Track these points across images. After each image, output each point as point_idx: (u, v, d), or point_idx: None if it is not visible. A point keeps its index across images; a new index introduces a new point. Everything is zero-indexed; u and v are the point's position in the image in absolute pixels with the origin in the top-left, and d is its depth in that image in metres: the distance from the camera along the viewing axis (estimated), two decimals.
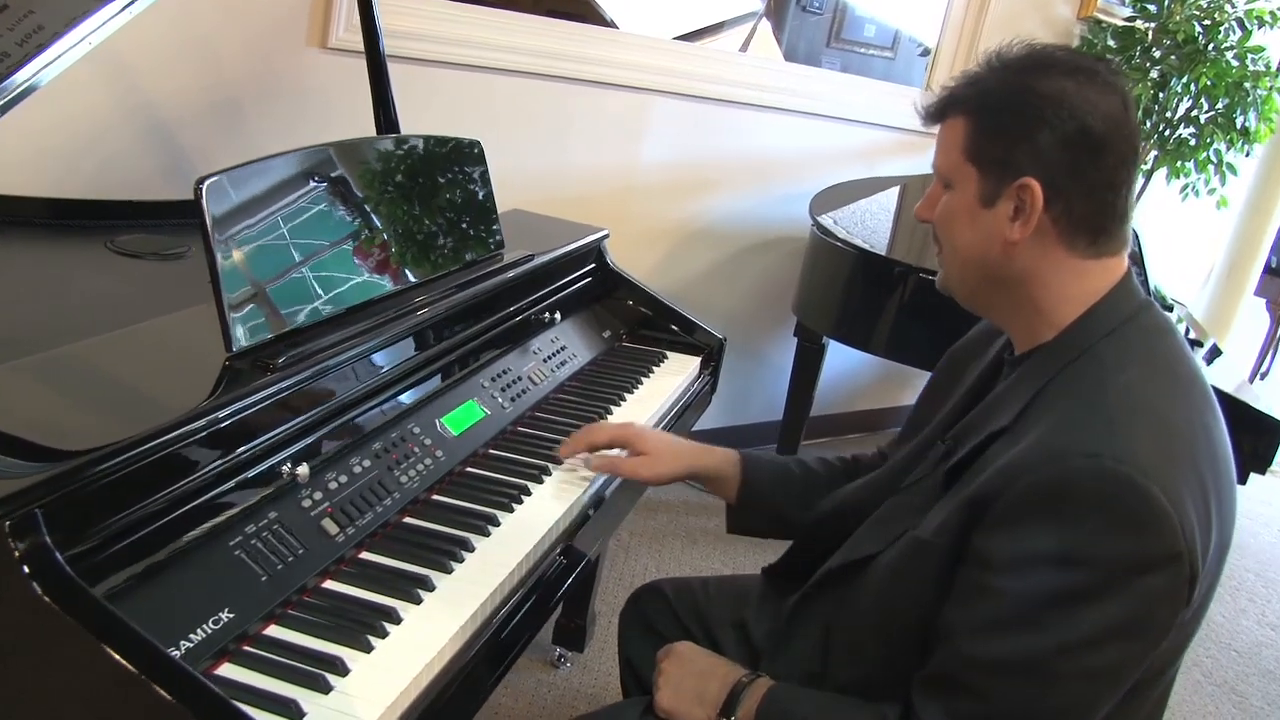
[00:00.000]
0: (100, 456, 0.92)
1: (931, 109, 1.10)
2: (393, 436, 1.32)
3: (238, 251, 1.17)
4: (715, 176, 3.07)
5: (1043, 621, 0.93)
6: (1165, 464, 0.93)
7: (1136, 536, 0.91)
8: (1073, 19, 3.46)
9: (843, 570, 1.18)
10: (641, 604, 1.58)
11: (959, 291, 1.13)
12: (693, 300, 3.14)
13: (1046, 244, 1.04)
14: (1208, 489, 0.97)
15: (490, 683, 1.16)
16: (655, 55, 2.81)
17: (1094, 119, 1.00)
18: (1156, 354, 1.05)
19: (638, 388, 1.81)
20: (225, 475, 1.06)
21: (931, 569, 1.03)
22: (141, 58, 1.98)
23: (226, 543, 1.04)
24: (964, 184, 1.06)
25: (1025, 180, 1.01)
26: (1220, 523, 0.99)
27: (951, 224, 1.09)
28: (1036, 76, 1.03)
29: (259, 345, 1.17)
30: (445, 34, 2.37)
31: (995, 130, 1.04)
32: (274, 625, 1.03)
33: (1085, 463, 0.92)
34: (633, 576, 2.67)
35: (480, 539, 1.24)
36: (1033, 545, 0.94)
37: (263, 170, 1.22)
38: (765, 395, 3.43)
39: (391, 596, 1.10)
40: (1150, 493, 0.90)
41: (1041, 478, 0.94)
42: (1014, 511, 0.95)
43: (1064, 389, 1.02)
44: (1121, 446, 0.93)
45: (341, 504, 1.18)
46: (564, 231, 2.02)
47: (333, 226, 1.32)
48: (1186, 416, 1.00)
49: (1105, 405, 0.98)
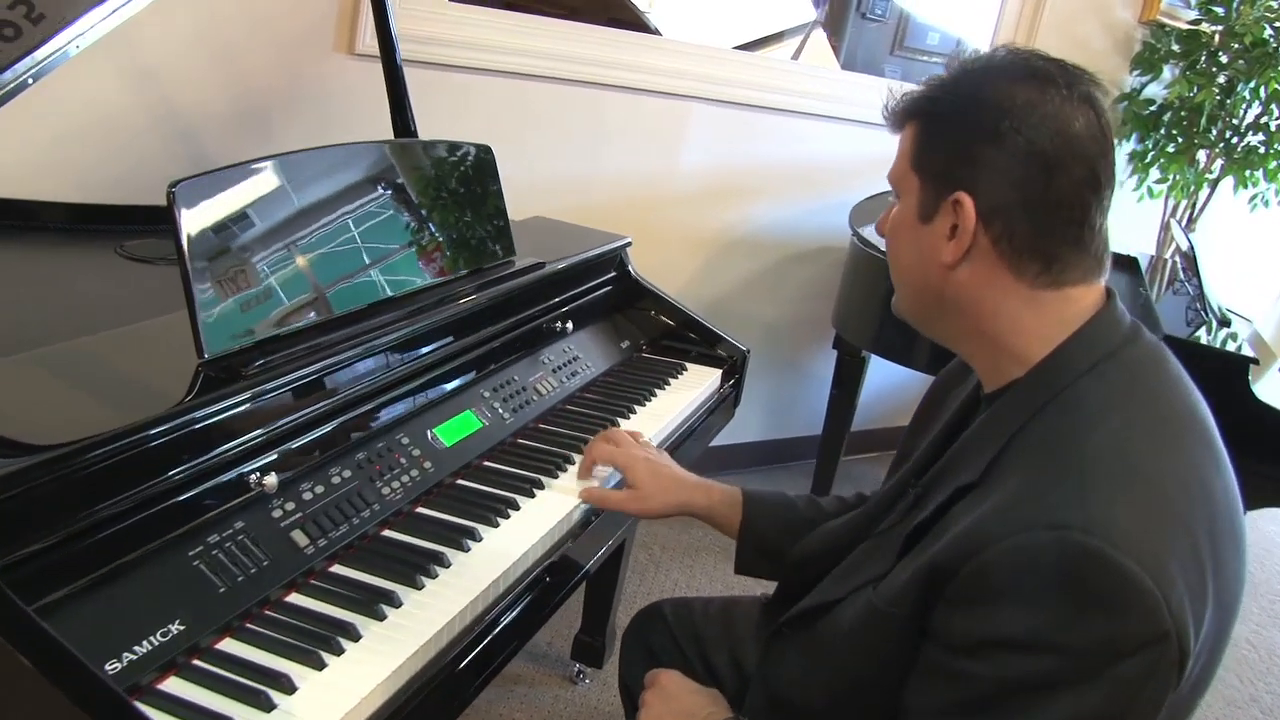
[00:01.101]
0: (49, 460, 0.91)
1: (892, 114, 1.02)
2: (378, 447, 1.30)
3: (213, 256, 1.15)
4: (757, 184, 3.01)
5: (1008, 710, 0.85)
6: (1147, 532, 0.83)
7: (1110, 619, 0.81)
8: (1133, 22, 3.33)
9: (812, 613, 1.12)
10: (642, 627, 1.53)
11: (908, 315, 1.05)
12: (732, 310, 3.09)
13: (989, 269, 0.94)
14: (1202, 554, 0.87)
15: (456, 705, 1.12)
16: (694, 61, 2.77)
17: (1045, 134, 0.90)
18: (1144, 395, 0.94)
19: (650, 400, 1.77)
20: (186, 484, 1.04)
21: (885, 639, 0.96)
22: (168, 65, 2.00)
23: (185, 552, 1.02)
24: (907, 196, 0.99)
25: (958, 195, 0.93)
26: (1220, 587, 0.89)
27: (895, 240, 1.02)
28: (991, 83, 0.94)
29: (234, 352, 1.15)
30: (478, 40, 2.36)
31: (938, 139, 0.96)
32: (228, 639, 1.00)
33: (1050, 536, 0.82)
34: (661, 591, 2.62)
35: (457, 554, 1.20)
36: (995, 629, 0.85)
37: (242, 174, 1.21)
38: (808, 409, 3.35)
39: (354, 611, 1.07)
40: (1125, 569, 0.80)
41: (1003, 552, 0.84)
42: (975, 589, 0.86)
43: (1036, 440, 0.92)
44: (1093, 515, 0.82)
45: (315, 515, 1.16)
46: (584, 239, 1.99)
47: (319, 232, 1.30)
48: (1177, 471, 0.90)
49: (1078, 465, 0.87)
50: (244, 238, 1.20)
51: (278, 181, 1.25)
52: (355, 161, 1.38)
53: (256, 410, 1.12)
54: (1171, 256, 3.40)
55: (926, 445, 1.12)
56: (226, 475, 1.09)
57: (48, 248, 1.69)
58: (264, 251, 1.21)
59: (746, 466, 3.34)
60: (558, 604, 1.33)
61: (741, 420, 3.30)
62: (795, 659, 1.13)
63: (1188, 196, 3.44)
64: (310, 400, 1.20)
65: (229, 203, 1.18)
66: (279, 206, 1.24)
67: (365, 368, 1.30)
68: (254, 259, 1.20)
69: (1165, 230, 3.50)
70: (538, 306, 1.70)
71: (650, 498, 1.36)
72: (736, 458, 3.31)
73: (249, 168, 1.23)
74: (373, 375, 1.31)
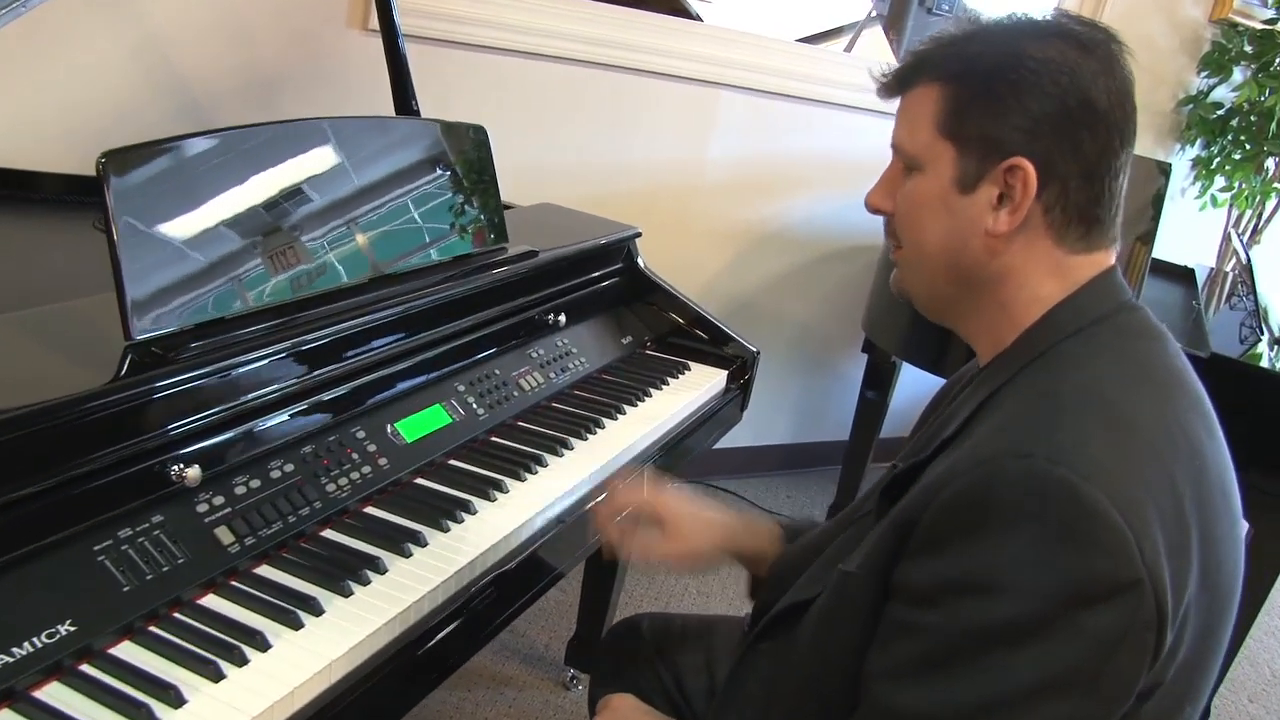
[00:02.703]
0: None
1: (897, 75, 0.93)
2: (329, 440, 1.23)
3: (147, 232, 1.08)
4: (793, 178, 2.90)
5: (964, 668, 0.76)
6: (1121, 468, 0.76)
7: (1075, 556, 0.73)
8: (1203, 21, 3.14)
9: (785, 615, 1.02)
10: (617, 641, 1.45)
11: (921, 296, 0.96)
12: (762, 308, 2.99)
13: (1033, 236, 0.88)
14: (1185, 508, 0.79)
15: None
16: (733, 48, 2.67)
17: (1096, 90, 0.84)
18: (1131, 354, 0.87)
19: (643, 401, 1.68)
20: (96, 473, 0.98)
21: (858, 608, 0.87)
22: (177, 36, 1.95)
23: (90, 546, 0.96)
24: (936, 165, 0.89)
25: (1016, 160, 0.85)
26: (1207, 558, 0.80)
27: (918, 215, 0.92)
28: (1029, 40, 0.86)
29: (168, 335, 1.08)
30: (503, 19, 2.28)
31: (980, 99, 0.87)
32: (126, 642, 0.94)
33: (1014, 464, 0.76)
34: (669, 596, 2.53)
35: (397, 560, 1.13)
36: (954, 570, 0.77)
37: (188, 148, 1.14)
38: (840, 412, 3.23)
39: (268, 618, 1.00)
40: (1094, 502, 0.73)
41: (964, 487, 0.77)
42: (935, 530, 0.79)
43: (1013, 392, 0.86)
44: (1061, 443, 0.76)
45: (245, 511, 1.09)
46: (591, 228, 1.90)
47: (275, 213, 1.22)
48: (1162, 419, 0.82)
49: (1052, 401, 0.81)
50: (186, 215, 1.12)
51: (226, 157, 1.18)
52: (317, 138, 1.31)
53: (180, 398, 1.06)
54: (1232, 270, 3.21)
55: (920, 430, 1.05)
56: (142, 465, 1.02)
57: (36, 218, 1.65)
58: (208, 230, 1.14)
59: (772, 470, 3.24)
60: (504, 621, 1.24)
61: (769, 422, 3.21)
62: (760, 676, 1.04)
63: (1253, 207, 3.26)
64: (246, 390, 1.13)
65: (170, 176, 1.12)
66: (226, 183, 1.17)
67: (315, 357, 1.22)
68: (195, 238, 1.13)
69: (1226, 241, 3.32)
70: (526, 297, 1.62)
71: (692, 537, 1.21)
72: (762, 461, 3.21)
73: (195, 141, 1.16)
74: (324, 365, 1.24)
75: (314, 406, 1.22)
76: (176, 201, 1.12)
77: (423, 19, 2.17)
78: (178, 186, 1.12)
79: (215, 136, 1.18)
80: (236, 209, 1.18)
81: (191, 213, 1.13)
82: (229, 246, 1.17)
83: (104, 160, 1.04)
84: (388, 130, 1.42)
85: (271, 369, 1.17)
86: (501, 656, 2.19)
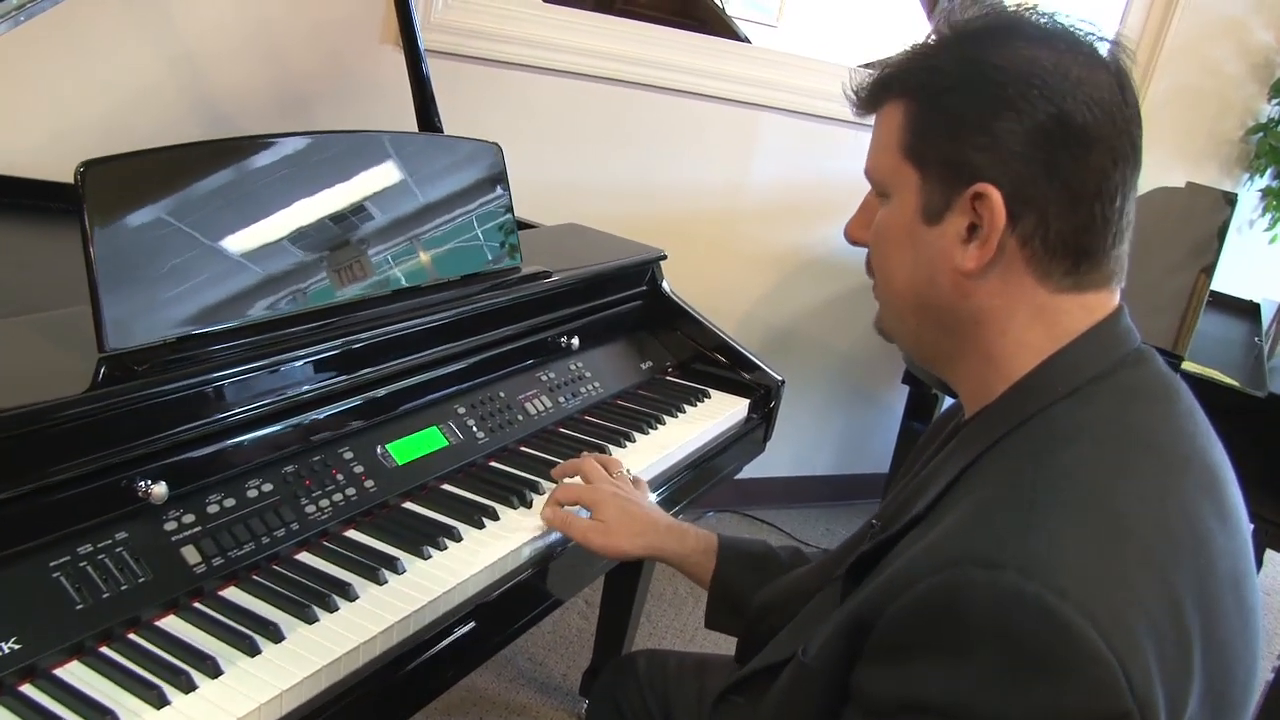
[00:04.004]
0: None
1: (864, 93, 0.84)
2: (313, 460, 1.20)
3: (126, 243, 1.06)
4: (836, 203, 2.82)
5: None
6: (1105, 580, 0.66)
7: (1050, 689, 0.64)
8: (1275, 46, 3.00)
9: (760, 677, 0.96)
10: (613, 680, 1.40)
11: (899, 337, 0.88)
12: (803, 337, 2.92)
13: (1011, 274, 0.78)
14: (1186, 618, 0.68)
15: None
16: (773, 69, 2.62)
17: (1075, 102, 0.74)
18: (1134, 424, 0.76)
19: (655, 428, 1.62)
20: (57, 487, 0.96)
21: (812, 701, 0.80)
22: (207, 51, 1.97)
23: (46, 562, 0.93)
24: (901, 194, 0.81)
25: (980, 187, 0.76)
26: (1211, 663, 0.70)
27: (885, 248, 0.84)
28: (996, 45, 0.77)
29: (146, 348, 1.06)
30: (537, 37, 2.27)
31: (942, 117, 0.78)
32: (75, 662, 0.91)
33: (981, 577, 0.66)
34: (696, 627, 2.46)
35: (369, 586, 1.09)
36: (916, 689, 0.69)
37: (167, 160, 1.13)
38: (882, 444, 3.14)
39: (225, 643, 0.97)
40: (1071, 627, 0.63)
41: (926, 594, 0.68)
42: (895, 638, 0.71)
43: (990, 466, 0.76)
44: (1035, 552, 0.66)
45: (215, 531, 1.06)
46: (614, 249, 1.86)
47: (261, 226, 1.20)
48: (1162, 511, 0.72)
49: (1029, 493, 0.71)
50: (167, 226, 1.10)
51: (212, 169, 1.16)
52: (319, 152, 1.28)
53: (153, 411, 1.03)
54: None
55: (902, 483, 0.96)
56: (108, 480, 1.00)
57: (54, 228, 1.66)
58: (190, 242, 1.12)
59: (813, 501, 3.15)
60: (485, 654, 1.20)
61: (809, 454, 3.14)
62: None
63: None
64: (226, 406, 1.11)
65: (151, 187, 1.10)
66: (210, 195, 1.15)
67: (300, 375, 1.20)
68: (177, 249, 1.11)
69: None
70: (536, 319, 1.58)
71: (617, 535, 1.23)
72: (803, 492, 3.13)
73: (178, 152, 1.14)
74: (311, 383, 1.21)
75: (298, 425, 1.19)
76: (157, 213, 1.10)
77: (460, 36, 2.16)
78: (159, 197, 1.10)
79: (199, 148, 1.16)
80: (222, 222, 1.16)
81: (173, 225, 1.11)
82: (213, 259, 1.14)
83: (82, 170, 1.03)
84: (391, 146, 1.39)
85: (254, 385, 1.14)
86: (517, 684, 2.14)
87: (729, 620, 1.24)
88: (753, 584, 1.20)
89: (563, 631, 2.34)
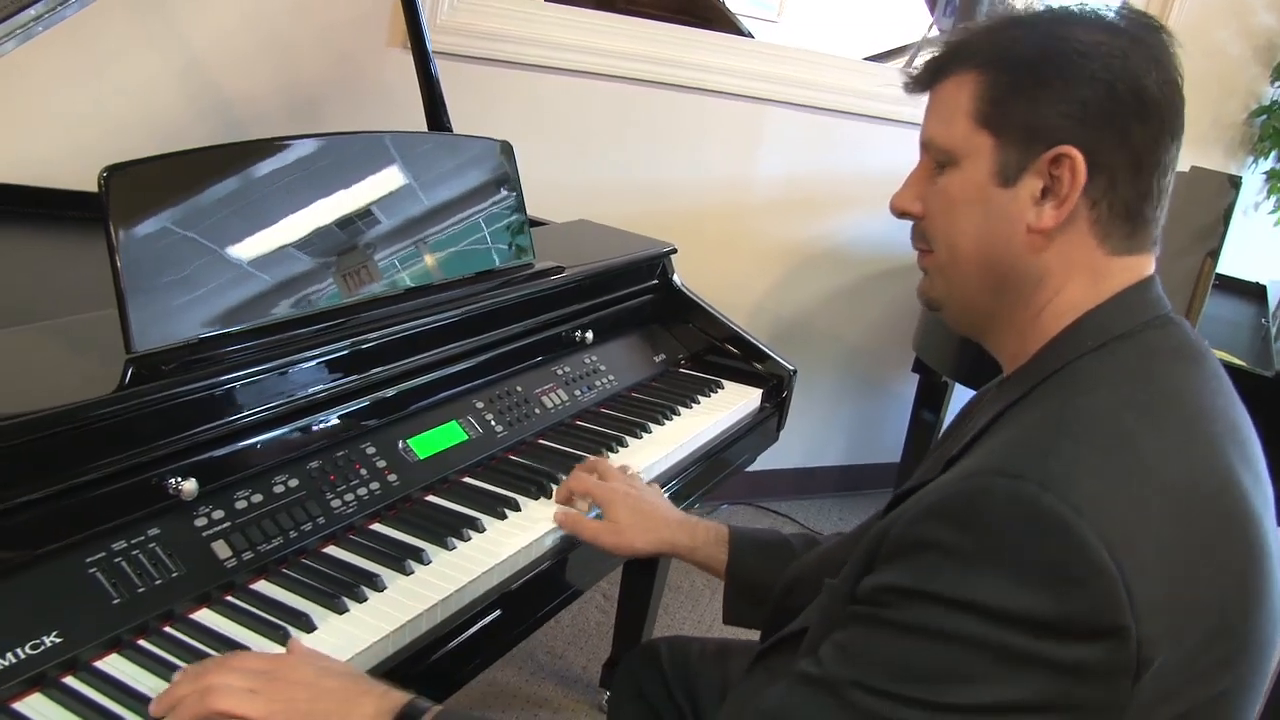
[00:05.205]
0: None
1: (929, 66, 0.89)
2: (337, 456, 1.22)
3: (152, 245, 1.09)
4: (843, 195, 2.85)
5: (915, 685, 0.72)
6: (1117, 501, 0.70)
7: (1051, 592, 0.67)
8: (1278, 28, 3.02)
9: (793, 639, 0.98)
10: (635, 667, 1.42)
11: (954, 304, 0.91)
12: (813, 328, 2.94)
13: (1076, 234, 0.83)
14: (1194, 553, 0.72)
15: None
16: (779, 64, 2.63)
17: (1149, 79, 0.81)
18: (1155, 378, 0.80)
19: (670, 420, 1.64)
20: (92, 485, 0.98)
21: (836, 621, 0.82)
22: (218, 56, 1.99)
23: (82, 558, 0.96)
24: (974, 159, 0.85)
25: (1063, 149, 0.81)
26: (1227, 599, 0.73)
27: (952, 214, 0.87)
28: (1072, 25, 0.83)
29: (171, 348, 1.08)
30: (547, 37, 2.29)
31: (1021, 85, 0.82)
32: (114, 654, 0.93)
33: (1001, 483, 0.71)
34: (713, 619, 2.48)
35: (397, 577, 1.11)
36: (925, 580, 0.72)
37: (189, 163, 1.15)
38: (893, 434, 3.15)
39: (257, 633, 0.99)
40: (1082, 538, 0.67)
41: (947, 496, 0.73)
42: (912, 536, 0.74)
43: (1020, 412, 0.81)
44: (1054, 471, 0.70)
45: (244, 526, 1.08)
46: (626, 244, 1.88)
47: (281, 227, 1.22)
48: (1185, 457, 0.75)
49: (1054, 424, 0.75)
50: (190, 229, 1.13)
51: (237, 170, 1.19)
52: (334, 152, 1.30)
53: (180, 410, 1.05)
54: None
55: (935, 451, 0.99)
56: (140, 477, 1.02)
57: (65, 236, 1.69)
58: (213, 244, 1.15)
59: (825, 492, 3.17)
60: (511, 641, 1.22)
61: (821, 444, 3.15)
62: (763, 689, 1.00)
63: None
64: (251, 404, 1.13)
65: (173, 190, 1.12)
66: (232, 198, 1.17)
67: (323, 373, 1.22)
68: (200, 251, 1.13)
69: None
70: (550, 314, 1.60)
71: (628, 532, 1.25)
72: (814, 483, 3.15)
73: (198, 155, 1.16)
74: (333, 381, 1.23)
75: (321, 422, 1.22)
76: (179, 215, 1.12)
77: (468, 38, 2.19)
78: (180, 200, 1.12)
79: (218, 151, 1.19)
80: (242, 223, 1.18)
81: (195, 227, 1.13)
82: (236, 260, 1.17)
83: (106, 174, 1.05)
84: (404, 145, 1.41)
85: (277, 383, 1.16)
86: (538, 677, 2.16)
87: (749, 611, 1.25)
88: (768, 570, 1.22)
89: (582, 625, 2.36)
